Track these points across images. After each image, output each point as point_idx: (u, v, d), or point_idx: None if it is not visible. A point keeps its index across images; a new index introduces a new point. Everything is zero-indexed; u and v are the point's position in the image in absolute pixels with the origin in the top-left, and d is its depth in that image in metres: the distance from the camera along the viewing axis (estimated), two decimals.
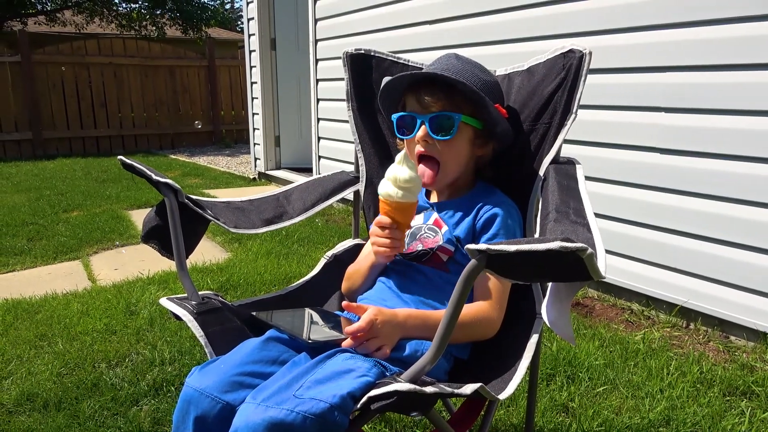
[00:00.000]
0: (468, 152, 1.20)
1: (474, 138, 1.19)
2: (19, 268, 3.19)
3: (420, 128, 1.16)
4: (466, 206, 1.20)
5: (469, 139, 1.18)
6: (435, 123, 1.14)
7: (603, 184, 2.57)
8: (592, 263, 0.67)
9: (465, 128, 1.16)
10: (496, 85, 1.22)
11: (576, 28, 2.57)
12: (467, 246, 0.73)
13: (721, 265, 2.21)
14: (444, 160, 1.17)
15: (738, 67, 2.08)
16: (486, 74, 1.20)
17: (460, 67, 1.17)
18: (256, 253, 3.32)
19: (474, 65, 1.19)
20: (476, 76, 1.17)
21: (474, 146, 1.20)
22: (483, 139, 1.20)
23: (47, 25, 12.39)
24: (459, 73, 1.15)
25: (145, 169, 1.11)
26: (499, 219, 1.16)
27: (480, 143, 1.21)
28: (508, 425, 1.68)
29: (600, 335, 2.23)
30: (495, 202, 1.19)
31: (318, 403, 0.80)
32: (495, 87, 1.21)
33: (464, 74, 1.15)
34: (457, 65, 1.17)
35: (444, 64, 1.18)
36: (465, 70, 1.16)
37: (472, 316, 1.09)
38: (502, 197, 1.22)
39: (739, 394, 1.85)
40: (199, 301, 1.10)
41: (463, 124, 1.15)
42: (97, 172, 6.40)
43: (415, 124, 1.17)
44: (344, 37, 4.33)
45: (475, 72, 1.17)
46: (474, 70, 1.18)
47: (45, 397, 1.82)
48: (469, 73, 1.16)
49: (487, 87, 1.17)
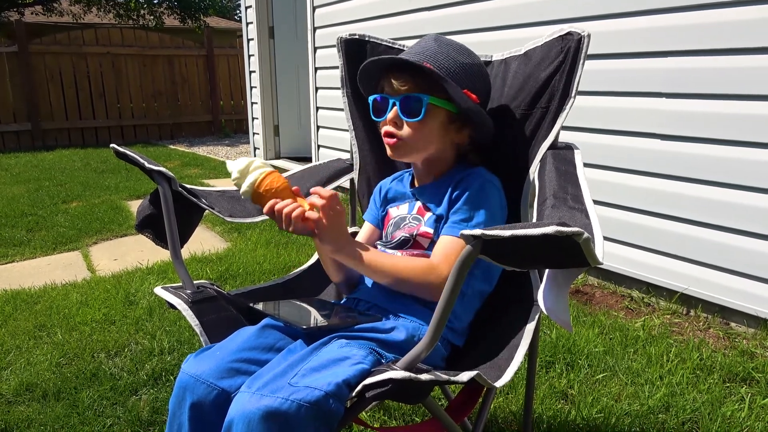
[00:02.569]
0: (439, 135, 1.17)
1: (448, 122, 1.16)
2: (19, 259, 3.19)
3: (391, 109, 1.15)
4: (444, 185, 1.18)
5: (442, 123, 1.15)
6: (405, 104, 1.13)
7: (602, 170, 2.56)
8: (589, 248, 0.66)
9: (436, 111, 1.13)
10: (476, 67, 1.18)
11: (575, 13, 2.53)
12: (461, 231, 0.72)
13: (721, 251, 2.20)
14: (408, 137, 1.14)
15: (739, 52, 2.06)
16: (464, 56, 1.17)
17: (436, 49, 1.15)
18: (255, 242, 3.32)
19: (452, 47, 1.16)
20: (451, 58, 1.14)
21: (448, 130, 1.17)
22: (458, 124, 1.17)
23: (44, 15, 12.30)
24: (433, 55, 1.13)
25: (138, 157, 1.10)
26: (469, 192, 1.13)
27: (456, 128, 1.18)
28: (507, 412, 1.68)
29: (600, 322, 2.22)
30: (471, 176, 1.16)
31: (313, 391, 0.79)
32: (474, 69, 1.17)
33: (438, 56, 1.13)
34: (432, 47, 1.15)
35: (421, 47, 1.17)
36: (440, 52, 1.14)
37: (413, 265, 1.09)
38: (482, 172, 1.18)
39: (739, 381, 1.85)
40: (194, 290, 1.09)
41: (432, 107, 1.12)
42: (96, 163, 6.39)
43: (387, 105, 1.16)
44: (343, 24, 4.29)
45: (451, 54, 1.14)
46: (451, 52, 1.15)
47: (44, 387, 1.82)
48: (443, 56, 1.13)
49: (464, 69, 1.14)
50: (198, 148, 7.95)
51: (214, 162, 6.62)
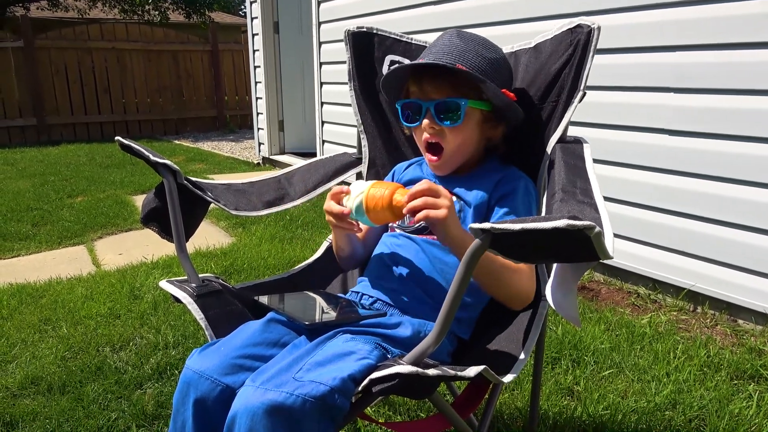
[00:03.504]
0: (477, 136, 1.17)
1: (483, 121, 1.15)
2: (24, 253, 3.20)
3: (426, 115, 1.12)
4: (480, 179, 1.17)
5: (478, 123, 1.15)
6: (440, 110, 1.11)
7: (609, 166, 2.54)
8: (599, 242, 0.65)
9: (473, 112, 1.12)
10: (502, 61, 1.17)
11: (584, 7, 2.51)
12: (470, 225, 0.71)
13: (729, 248, 2.18)
14: (450, 146, 1.13)
15: (748, 46, 2.03)
16: (490, 50, 1.16)
17: (463, 46, 1.12)
18: (260, 237, 3.32)
19: (477, 42, 1.15)
20: (480, 55, 1.12)
21: (484, 128, 1.17)
22: (493, 122, 1.17)
23: (50, 11, 12.34)
24: (461, 54, 1.11)
25: (143, 150, 1.09)
26: (518, 193, 1.13)
27: (490, 125, 1.17)
28: (513, 408, 1.67)
29: (606, 319, 2.21)
30: (514, 176, 1.16)
31: (318, 386, 0.78)
32: (501, 63, 1.17)
33: (467, 54, 1.11)
34: (459, 45, 1.13)
35: (446, 45, 1.14)
36: (467, 50, 1.12)
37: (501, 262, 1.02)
38: (519, 172, 1.19)
39: (747, 378, 1.83)
40: (200, 283, 1.08)
41: (470, 109, 1.11)
42: (101, 158, 6.40)
43: (420, 110, 1.13)
44: (348, 19, 4.28)
45: (478, 50, 1.13)
46: (477, 48, 1.13)
47: (49, 381, 1.82)
48: (472, 53, 1.11)
49: (493, 65, 1.13)
50: (203, 143, 7.96)
51: (219, 157, 6.62)
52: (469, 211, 1.14)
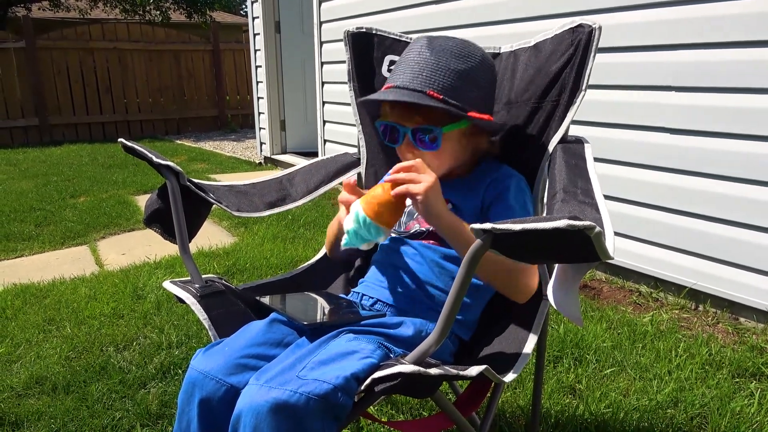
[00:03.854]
0: (459, 150, 1.15)
1: (464, 135, 1.14)
2: (28, 254, 3.21)
3: (404, 139, 1.12)
4: (473, 183, 1.17)
5: (459, 139, 1.13)
6: (417, 135, 1.10)
7: (611, 165, 2.54)
8: (600, 242, 0.66)
9: (450, 135, 1.10)
10: (477, 68, 1.11)
11: (584, 6, 2.51)
12: (471, 226, 0.72)
13: (730, 246, 2.18)
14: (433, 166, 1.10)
15: (748, 44, 2.03)
16: (463, 59, 1.09)
17: (433, 63, 1.07)
18: (262, 237, 3.32)
19: (449, 53, 1.09)
20: (451, 71, 1.07)
21: (467, 141, 1.15)
22: (476, 133, 1.15)
23: (51, 11, 12.36)
24: (432, 74, 1.06)
25: (146, 152, 1.10)
26: (510, 192, 1.12)
27: (473, 137, 1.15)
28: (515, 407, 1.68)
29: (608, 317, 2.21)
30: (504, 176, 1.16)
31: (321, 384, 0.79)
32: (478, 71, 1.11)
33: (437, 75, 1.06)
34: (429, 61, 1.08)
35: (416, 62, 1.09)
36: (438, 67, 1.07)
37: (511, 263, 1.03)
38: (510, 171, 1.18)
39: (749, 376, 1.83)
40: (203, 284, 1.09)
41: (447, 134, 1.09)
42: (104, 158, 6.41)
43: (398, 133, 1.12)
44: (349, 18, 4.28)
45: (449, 64, 1.08)
46: (449, 61, 1.08)
47: (54, 381, 1.83)
48: (443, 71, 1.07)
49: (466, 79, 1.09)
50: (204, 143, 7.97)
51: (221, 157, 6.63)
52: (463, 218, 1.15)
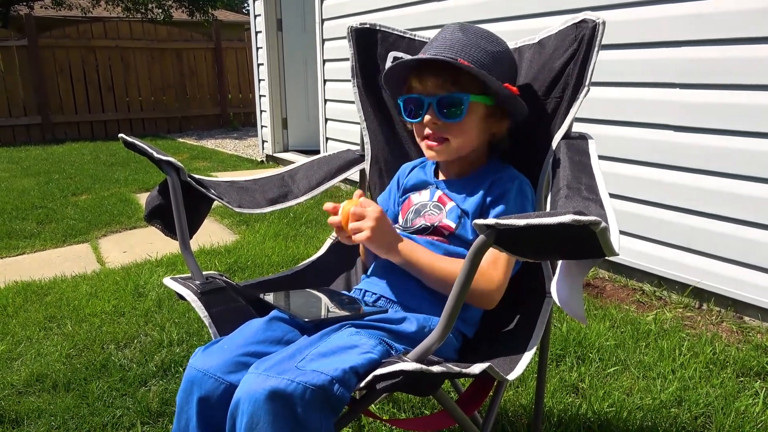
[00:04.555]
0: (480, 130, 1.15)
1: (486, 115, 1.14)
2: (29, 251, 3.21)
3: (428, 111, 1.12)
4: (476, 183, 1.16)
5: (481, 117, 1.14)
6: (443, 105, 1.10)
7: (613, 162, 2.53)
8: (605, 238, 0.65)
9: (476, 107, 1.11)
10: (505, 54, 1.16)
11: (589, 3, 2.50)
12: (475, 221, 0.71)
13: (734, 244, 2.17)
14: (454, 141, 1.13)
15: (754, 41, 2.02)
16: (494, 44, 1.14)
17: (465, 40, 1.11)
18: (263, 234, 3.32)
19: (480, 36, 1.13)
20: (482, 49, 1.11)
21: (487, 123, 1.16)
22: (497, 116, 1.16)
23: (54, 9, 12.37)
24: (463, 47, 1.10)
25: (147, 148, 1.09)
26: (511, 194, 1.12)
27: (495, 120, 1.16)
28: (517, 406, 1.67)
29: (611, 316, 2.20)
30: (507, 177, 1.15)
31: (319, 375, 0.79)
32: (505, 56, 1.15)
33: (468, 48, 1.10)
34: (461, 39, 1.11)
35: (448, 38, 1.13)
36: (469, 43, 1.10)
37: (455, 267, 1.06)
38: (515, 172, 1.18)
39: (753, 375, 1.82)
40: (203, 280, 1.08)
41: (473, 104, 1.10)
42: (106, 156, 6.41)
43: (422, 106, 1.12)
44: (351, 16, 4.27)
45: (480, 44, 1.11)
46: (480, 41, 1.12)
47: (54, 378, 1.83)
48: (474, 47, 1.10)
49: (495, 59, 1.12)
50: (206, 141, 7.96)
51: (223, 155, 6.63)
52: (468, 221, 1.14)
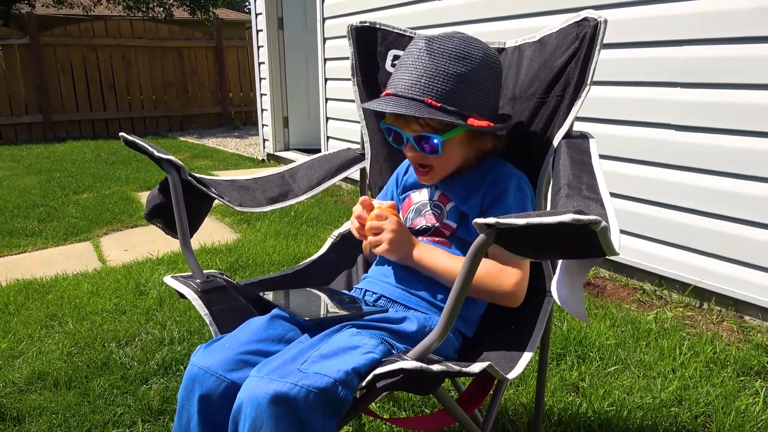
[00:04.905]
0: (464, 152, 1.15)
1: (467, 139, 1.13)
2: (31, 250, 3.21)
3: (407, 144, 1.12)
4: (474, 182, 1.16)
5: (462, 143, 1.12)
6: (419, 141, 1.10)
7: (615, 162, 2.52)
8: (605, 237, 0.65)
9: (452, 139, 1.10)
10: (477, 69, 1.07)
11: (588, 2, 2.49)
12: (475, 220, 0.71)
13: (735, 243, 2.17)
14: (437, 168, 1.14)
15: (755, 40, 2.02)
16: (463, 61, 1.06)
17: (430, 66, 1.05)
18: (264, 233, 3.32)
19: (448, 56, 1.06)
20: (449, 75, 1.05)
21: (470, 144, 1.15)
22: (479, 136, 1.14)
23: (55, 8, 12.37)
24: (430, 80, 1.04)
25: (147, 146, 1.09)
26: (510, 192, 1.11)
27: (477, 139, 1.15)
28: (518, 404, 1.67)
29: (611, 315, 2.20)
30: (504, 176, 1.14)
31: (322, 378, 0.79)
32: (477, 72, 1.08)
33: (435, 80, 1.05)
34: (426, 65, 1.05)
35: (412, 66, 1.07)
36: (436, 72, 1.05)
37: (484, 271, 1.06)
38: (511, 169, 1.17)
39: (754, 374, 1.82)
40: (204, 279, 1.08)
41: (448, 140, 1.09)
42: (107, 155, 6.42)
43: (401, 138, 1.12)
44: (352, 15, 4.26)
45: (448, 69, 1.05)
46: (448, 65, 1.05)
47: (55, 376, 1.83)
48: (441, 76, 1.05)
49: (464, 82, 1.06)
50: (207, 139, 7.97)
51: (224, 153, 6.63)
52: (469, 221, 1.14)
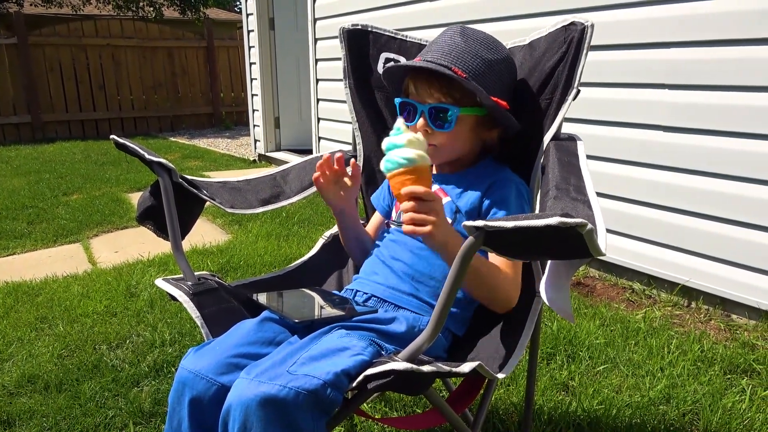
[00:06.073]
0: (470, 138, 1.18)
1: (477, 125, 1.16)
2: (20, 252, 3.19)
3: (419, 118, 1.14)
4: (472, 181, 1.18)
5: (472, 127, 1.16)
6: (433, 114, 1.12)
7: (604, 162, 2.55)
8: (591, 239, 0.66)
9: (465, 118, 1.13)
10: (503, 62, 1.16)
11: (579, 4, 2.51)
12: (464, 223, 0.72)
13: (723, 243, 2.20)
14: (442, 147, 1.15)
15: (741, 42, 2.04)
16: (492, 51, 1.14)
17: (463, 46, 1.12)
18: (256, 234, 3.32)
19: (479, 42, 1.14)
20: (479, 57, 1.11)
21: (478, 131, 1.18)
22: (488, 125, 1.17)
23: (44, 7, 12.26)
24: (459, 55, 1.10)
25: (138, 149, 1.09)
26: (511, 198, 1.14)
27: (485, 129, 1.18)
28: (508, 404, 1.68)
29: (601, 314, 2.22)
30: (505, 181, 1.17)
31: (311, 380, 0.79)
32: (502, 65, 1.16)
33: (465, 56, 1.10)
34: (459, 45, 1.12)
35: (446, 43, 1.14)
36: (467, 51, 1.11)
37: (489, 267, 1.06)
38: (511, 175, 1.20)
39: (740, 372, 1.85)
40: (195, 281, 1.09)
41: (462, 115, 1.12)
42: (97, 155, 6.37)
43: (416, 111, 1.14)
44: (344, 15, 4.27)
45: (478, 52, 1.12)
46: (478, 48, 1.12)
47: (46, 379, 1.82)
48: (470, 55, 1.11)
49: (491, 68, 1.12)
50: (198, 140, 7.93)
51: (215, 154, 6.61)
52: (462, 217, 1.16)
